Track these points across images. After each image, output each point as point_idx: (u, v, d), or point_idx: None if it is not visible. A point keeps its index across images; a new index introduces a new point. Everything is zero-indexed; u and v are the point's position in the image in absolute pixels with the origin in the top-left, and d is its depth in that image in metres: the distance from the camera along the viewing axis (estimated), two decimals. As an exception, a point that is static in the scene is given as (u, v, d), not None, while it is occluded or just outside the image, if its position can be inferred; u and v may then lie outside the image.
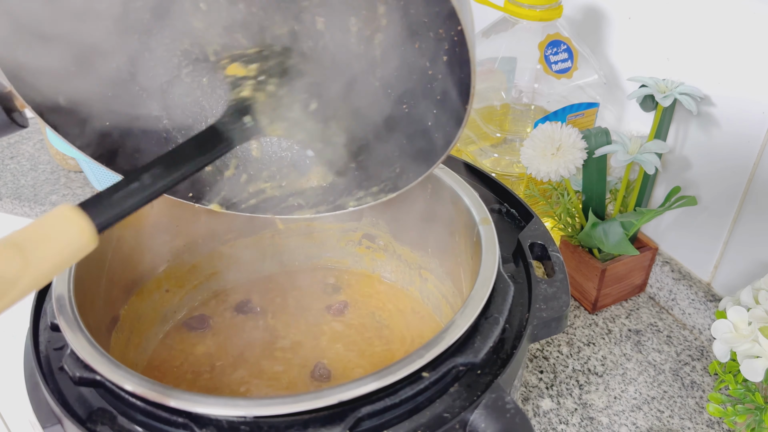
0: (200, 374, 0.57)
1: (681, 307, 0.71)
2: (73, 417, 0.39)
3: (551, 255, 0.50)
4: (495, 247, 0.48)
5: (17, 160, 0.97)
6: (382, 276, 0.67)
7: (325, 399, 0.37)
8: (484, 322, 0.44)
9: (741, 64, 0.60)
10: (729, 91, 0.62)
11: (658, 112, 0.65)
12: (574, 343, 0.68)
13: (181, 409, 0.37)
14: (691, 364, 0.66)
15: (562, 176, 0.64)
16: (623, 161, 0.63)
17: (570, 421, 0.60)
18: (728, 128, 0.63)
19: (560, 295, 0.47)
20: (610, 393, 0.63)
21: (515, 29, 0.72)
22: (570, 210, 0.70)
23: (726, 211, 0.65)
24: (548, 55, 0.70)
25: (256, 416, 0.37)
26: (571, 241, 0.72)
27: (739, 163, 0.62)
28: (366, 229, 0.65)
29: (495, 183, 0.59)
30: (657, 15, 0.67)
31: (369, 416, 0.38)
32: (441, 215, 0.57)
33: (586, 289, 0.71)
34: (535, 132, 0.66)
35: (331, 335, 0.61)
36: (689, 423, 0.60)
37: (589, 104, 0.73)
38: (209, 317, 0.62)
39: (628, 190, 0.69)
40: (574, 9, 0.77)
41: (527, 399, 0.62)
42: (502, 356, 0.43)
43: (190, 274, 0.63)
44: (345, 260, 0.68)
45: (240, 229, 0.65)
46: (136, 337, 0.57)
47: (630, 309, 0.73)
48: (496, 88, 0.76)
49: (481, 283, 0.45)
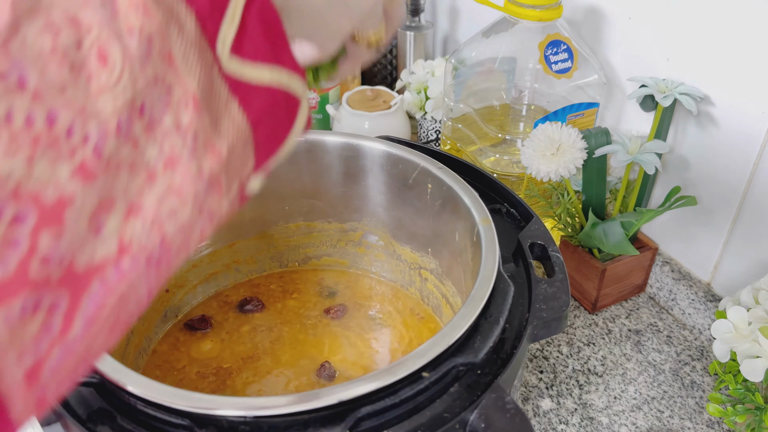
0: (204, 376, 0.57)
1: (681, 307, 0.71)
2: (73, 417, 0.39)
3: (551, 255, 0.50)
4: (495, 247, 0.48)
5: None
6: (382, 276, 0.67)
7: (325, 399, 0.37)
8: (484, 322, 0.44)
9: (741, 65, 0.60)
10: (729, 91, 0.62)
11: (658, 112, 0.65)
12: (574, 343, 0.68)
13: (181, 410, 0.37)
14: (691, 364, 0.66)
15: (562, 176, 0.64)
16: (623, 161, 0.63)
17: (570, 421, 0.60)
18: (728, 128, 0.63)
19: (560, 295, 0.47)
20: (610, 393, 0.63)
21: (515, 29, 0.72)
22: (570, 210, 0.70)
23: (726, 211, 0.65)
24: (548, 55, 0.70)
25: (256, 416, 0.37)
26: (571, 241, 0.72)
27: (739, 163, 0.62)
28: (366, 229, 0.65)
29: (495, 183, 0.59)
30: (657, 15, 0.67)
31: (369, 416, 0.38)
32: (441, 215, 0.57)
33: (586, 289, 0.72)
34: (535, 132, 0.66)
35: (332, 336, 0.61)
36: (689, 423, 0.60)
37: (589, 104, 0.73)
38: (210, 317, 0.62)
39: (628, 190, 0.69)
40: (574, 9, 0.77)
41: (527, 399, 0.62)
42: (502, 356, 0.43)
43: (190, 274, 0.63)
44: (345, 260, 0.68)
45: (240, 229, 0.65)
46: (136, 338, 0.57)
47: (630, 309, 0.73)
48: (496, 88, 0.76)
49: (481, 283, 0.45)
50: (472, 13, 0.98)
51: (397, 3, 0.37)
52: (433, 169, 0.56)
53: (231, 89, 0.25)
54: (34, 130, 0.19)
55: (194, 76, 0.23)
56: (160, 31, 0.22)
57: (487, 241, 0.49)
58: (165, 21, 0.22)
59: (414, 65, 0.93)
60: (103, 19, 0.21)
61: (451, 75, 0.78)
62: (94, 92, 0.20)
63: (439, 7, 1.06)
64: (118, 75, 0.21)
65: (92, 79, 0.20)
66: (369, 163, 0.60)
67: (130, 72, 0.21)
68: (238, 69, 0.25)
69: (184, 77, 0.23)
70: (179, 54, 0.23)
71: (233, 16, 0.24)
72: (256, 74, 0.26)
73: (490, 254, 0.47)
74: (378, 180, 0.61)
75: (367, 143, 0.60)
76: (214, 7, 0.24)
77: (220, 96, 0.24)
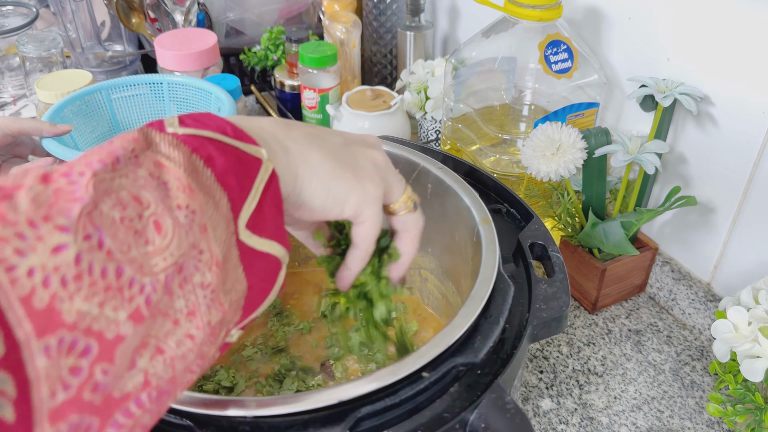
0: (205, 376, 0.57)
1: (681, 307, 0.71)
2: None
3: (551, 255, 0.50)
4: (495, 247, 0.48)
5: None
6: (382, 276, 0.67)
7: (325, 399, 0.37)
8: (484, 322, 0.44)
9: (741, 64, 0.60)
10: (729, 91, 0.62)
11: (658, 112, 0.65)
12: (574, 343, 0.68)
13: (181, 410, 0.37)
14: (691, 364, 0.66)
15: (562, 176, 0.64)
16: (623, 161, 0.63)
17: (570, 421, 0.60)
18: (728, 128, 0.63)
19: (560, 295, 0.47)
20: (610, 393, 0.63)
21: (515, 29, 0.72)
22: (570, 210, 0.70)
23: (726, 211, 0.65)
24: (548, 55, 0.70)
25: (256, 416, 0.37)
26: (571, 241, 0.72)
27: (739, 163, 0.62)
28: (366, 229, 0.65)
29: (495, 183, 0.59)
30: (657, 15, 0.67)
31: (369, 416, 0.38)
32: (441, 215, 0.57)
33: (586, 289, 0.71)
34: (535, 132, 0.66)
35: (332, 336, 0.61)
36: (689, 423, 0.60)
37: (589, 104, 0.73)
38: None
39: (628, 190, 0.69)
40: (574, 9, 0.77)
41: (527, 399, 0.62)
42: (502, 356, 0.43)
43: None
44: (345, 260, 0.68)
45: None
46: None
47: (630, 309, 0.73)
48: (496, 88, 0.76)
49: (481, 283, 0.45)
50: (472, 13, 0.98)
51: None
52: (433, 169, 0.56)
53: (241, 255, 0.31)
54: (107, 280, 0.24)
55: (220, 244, 0.29)
56: (201, 207, 0.28)
57: (487, 241, 0.49)
58: (205, 200, 0.28)
59: (414, 65, 0.93)
60: (158, 197, 0.27)
61: (451, 75, 0.78)
62: (150, 253, 0.26)
63: (439, 7, 1.06)
64: (169, 241, 0.27)
65: (149, 243, 0.26)
66: (369, 163, 0.60)
67: (178, 239, 0.27)
68: (249, 240, 0.31)
69: (213, 244, 0.29)
70: (211, 226, 0.29)
71: (253, 199, 0.31)
72: (261, 245, 0.32)
73: (490, 254, 0.47)
74: (378, 180, 0.61)
75: (367, 143, 0.60)
76: (242, 191, 0.30)
77: (233, 260, 0.30)
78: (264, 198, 0.31)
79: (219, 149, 0.30)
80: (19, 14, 1.11)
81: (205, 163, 0.29)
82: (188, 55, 0.86)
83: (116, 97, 0.80)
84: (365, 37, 1.04)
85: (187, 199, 0.28)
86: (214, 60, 0.89)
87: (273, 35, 1.03)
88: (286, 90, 0.99)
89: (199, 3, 1.00)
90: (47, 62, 0.94)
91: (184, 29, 0.95)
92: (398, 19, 1.01)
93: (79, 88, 0.79)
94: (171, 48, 0.86)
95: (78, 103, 0.76)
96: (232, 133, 0.31)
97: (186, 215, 0.27)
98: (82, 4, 1.04)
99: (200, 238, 0.28)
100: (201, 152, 0.29)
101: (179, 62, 0.86)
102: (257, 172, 0.31)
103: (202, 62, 0.87)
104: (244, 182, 0.30)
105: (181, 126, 0.30)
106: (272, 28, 1.04)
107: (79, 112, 0.76)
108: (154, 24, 1.03)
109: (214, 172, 0.29)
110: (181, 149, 0.29)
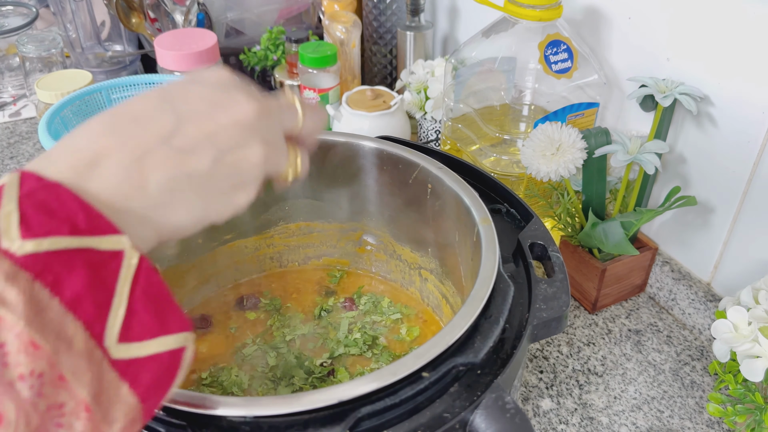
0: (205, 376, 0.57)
1: (681, 307, 0.71)
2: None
3: (551, 255, 0.50)
4: (495, 247, 0.48)
5: (17, 160, 0.97)
6: (382, 276, 0.67)
7: (325, 399, 0.37)
8: (484, 322, 0.44)
9: (741, 64, 0.60)
10: (729, 91, 0.62)
11: (658, 112, 0.65)
12: (574, 343, 0.68)
13: (181, 410, 0.37)
14: (691, 364, 0.66)
15: (562, 176, 0.64)
16: (623, 161, 0.63)
17: (570, 421, 0.60)
18: (728, 128, 0.63)
19: (560, 295, 0.47)
20: (610, 393, 0.63)
21: (515, 29, 0.72)
22: (570, 210, 0.70)
23: (726, 211, 0.65)
24: (548, 55, 0.70)
25: (256, 416, 0.37)
26: (571, 241, 0.72)
27: (739, 163, 0.62)
28: (366, 229, 0.65)
29: (495, 183, 0.59)
30: (657, 15, 0.67)
31: (369, 416, 0.38)
32: (441, 215, 0.57)
33: (586, 289, 0.71)
34: (535, 132, 0.66)
35: (332, 335, 0.61)
36: (689, 423, 0.60)
37: (589, 104, 0.73)
38: (210, 317, 0.63)
39: (628, 190, 0.69)
40: (574, 9, 0.77)
41: (527, 399, 0.62)
42: (502, 356, 0.43)
43: (190, 274, 0.63)
44: (345, 260, 0.68)
45: (240, 229, 0.65)
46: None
47: (630, 309, 0.73)
48: (496, 88, 0.76)
49: (481, 283, 0.45)
50: (472, 13, 0.98)
51: (307, 127, 0.38)
52: (433, 169, 0.56)
53: (120, 374, 0.26)
54: None
55: (84, 385, 0.25)
56: (50, 360, 0.24)
57: (487, 241, 0.49)
58: (54, 349, 0.24)
59: (414, 65, 0.93)
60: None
61: (451, 75, 0.78)
62: None
63: (439, 7, 1.06)
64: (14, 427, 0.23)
65: None
66: (369, 163, 0.60)
67: (26, 417, 0.23)
68: (125, 353, 0.27)
69: (76, 390, 0.25)
70: (69, 372, 0.24)
71: (119, 306, 0.26)
72: (144, 350, 0.27)
73: (490, 254, 0.47)
74: (378, 180, 0.61)
75: (367, 143, 0.60)
76: (101, 307, 0.26)
77: (110, 386, 0.26)
78: (133, 298, 0.27)
79: (67, 264, 0.25)
80: (19, 14, 1.11)
81: (51, 291, 0.24)
82: (188, 55, 0.86)
83: (116, 97, 0.80)
84: (365, 37, 1.04)
85: (31, 362, 0.23)
86: (214, 60, 0.89)
87: (273, 35, 1.03)
88: (286, 90, 0.99)
89: (199, 3, 1.00)
90: (47, 62, 0.94)
91: (184, 29, 0.95)
92: (398, 19, 1.01)
93: (79, 88, 0.79)
94: (171, 48, 0.86)
95: (78, 103, 0.76)
96: (85, 224, 0.26)
97: (31, 385, 0.23)
98: (82, 4, 1.04)
99: (57, 393, 0.24)
100: (45, 277, 0.24)
101: (179, 62, 0.86)
102: (118, 271, 0.27)
103: (202, 62, 0.87)
104: (101, 295, 0.26)
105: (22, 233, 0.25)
106: (272, 28, 1.04)
107: (79, 112, 0.76)
108: (154, 24, 1.03)
109: (62, 302, 0.25)
110: (21, 282, 0.24)
